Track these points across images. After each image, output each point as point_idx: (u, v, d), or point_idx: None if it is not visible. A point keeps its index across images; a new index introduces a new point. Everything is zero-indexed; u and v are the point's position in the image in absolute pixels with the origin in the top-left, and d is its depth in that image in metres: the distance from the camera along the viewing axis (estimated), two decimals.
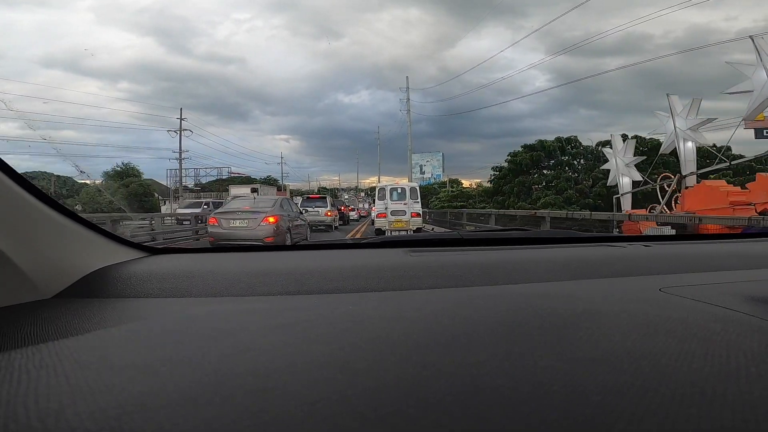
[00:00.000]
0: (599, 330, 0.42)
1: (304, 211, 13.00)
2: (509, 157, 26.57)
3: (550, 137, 26.33)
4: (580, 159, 25.40)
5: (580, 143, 25.38)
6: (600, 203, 20.71)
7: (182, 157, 26.32)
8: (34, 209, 0.60)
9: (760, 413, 0.27)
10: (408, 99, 29.57)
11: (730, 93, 8.30)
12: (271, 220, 7.28)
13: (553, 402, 0.28)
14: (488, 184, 28.58)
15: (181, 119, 26.64)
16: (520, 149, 26.64)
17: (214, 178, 35.36)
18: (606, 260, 0.84)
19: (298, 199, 15.55)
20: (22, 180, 0.58)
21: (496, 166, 27.74)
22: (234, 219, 7.39)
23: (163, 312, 0.57)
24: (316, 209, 14.31)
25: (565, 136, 26.09)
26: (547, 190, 24.25)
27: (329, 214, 14.50)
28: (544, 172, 25.83)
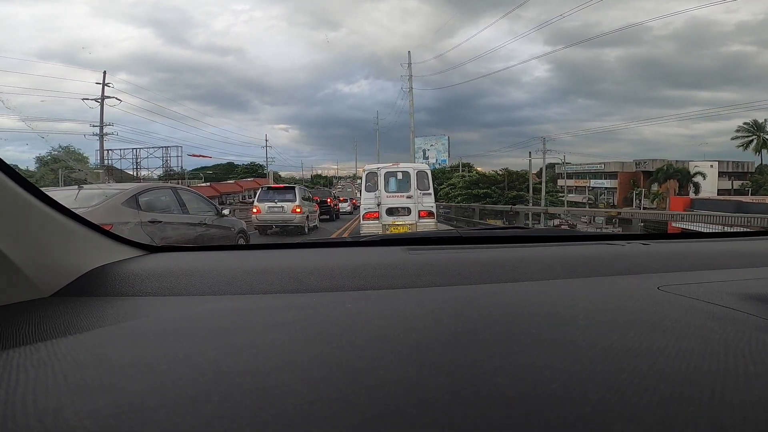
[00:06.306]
0: (598, 328, 0.42)
1: (265, 209, 10.19)
2: None
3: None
4: None
5: None
6: None
7: (104, 132, 20.32)
8: (32, 207, 0.60)
9: (758, 412, 0.27)
10: (410, 76, 25.16)
11: None
12: None
13: (551, 400, 0.28)
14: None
15: (104, 84, 20.74)
16: None
17: (160, 160, 28.69)
18: (604, 258, 0.84)
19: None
20: (20, 178, 0.58)
21: None
22: None
23: (161, 310, 0.57)
24: (279, 204, 10.23)
25: None
26: None
27: (298, 210, 10.21)
28: None
